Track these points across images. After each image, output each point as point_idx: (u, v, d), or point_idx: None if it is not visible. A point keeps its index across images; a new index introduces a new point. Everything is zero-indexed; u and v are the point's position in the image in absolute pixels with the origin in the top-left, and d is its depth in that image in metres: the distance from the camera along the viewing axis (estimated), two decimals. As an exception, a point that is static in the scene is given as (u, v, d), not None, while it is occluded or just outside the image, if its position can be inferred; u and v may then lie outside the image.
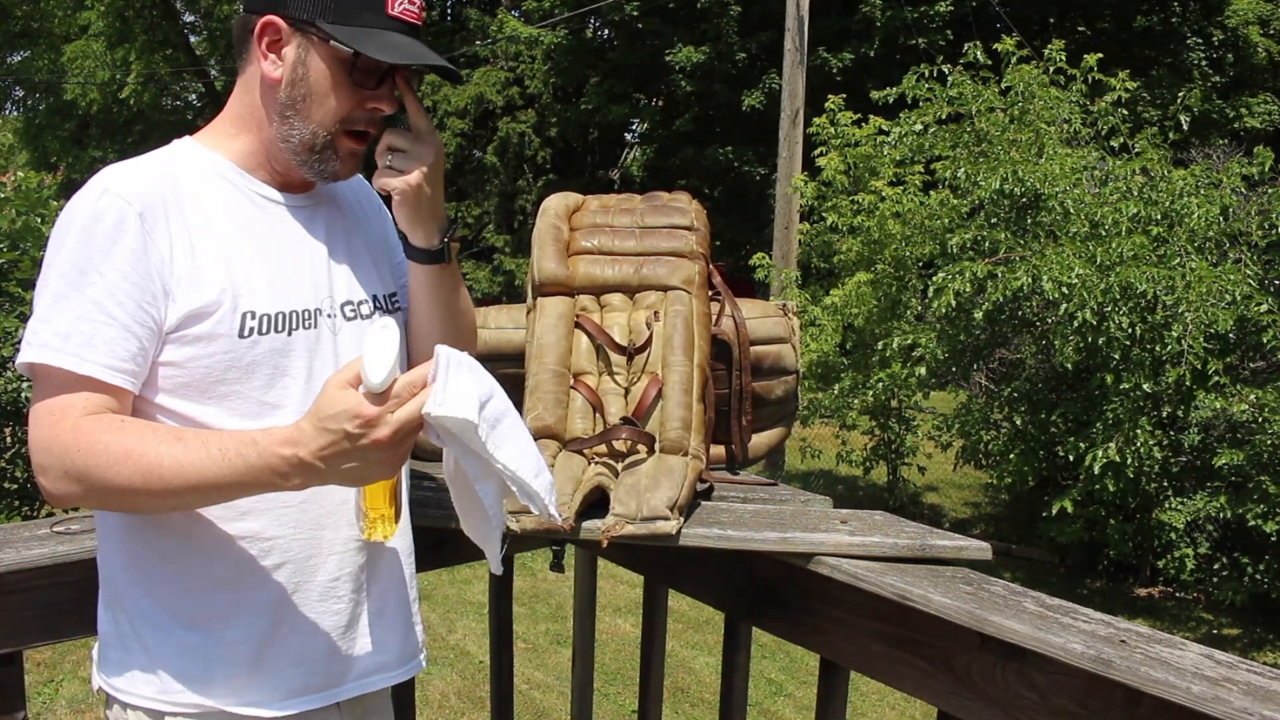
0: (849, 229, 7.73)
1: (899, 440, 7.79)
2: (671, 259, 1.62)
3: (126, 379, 1.10)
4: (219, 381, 1.14)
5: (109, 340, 1.08)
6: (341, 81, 1.17)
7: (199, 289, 1.13)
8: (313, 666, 1.22)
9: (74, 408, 1.08)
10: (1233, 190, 5.99)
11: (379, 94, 1.19)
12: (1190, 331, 5.27)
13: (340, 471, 1.03)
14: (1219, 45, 14.44)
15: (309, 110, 1.18)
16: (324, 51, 1.16)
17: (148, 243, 1.11)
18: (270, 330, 1.17)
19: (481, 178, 17.54)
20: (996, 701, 1.18)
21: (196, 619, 1.17)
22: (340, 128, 1.19)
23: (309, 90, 1.17)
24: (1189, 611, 6.26)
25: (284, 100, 1.18)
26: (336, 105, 1.18)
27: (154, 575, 1.17)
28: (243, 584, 1.17)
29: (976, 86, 6.66)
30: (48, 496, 1.10)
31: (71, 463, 1.06)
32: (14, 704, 1.36)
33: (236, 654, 1.18)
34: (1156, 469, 5.66)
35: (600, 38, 17.89)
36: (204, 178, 1.19)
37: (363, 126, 1.20)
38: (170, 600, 1.17)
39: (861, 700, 4.57)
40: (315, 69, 1.16)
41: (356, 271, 1.30)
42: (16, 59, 22.23)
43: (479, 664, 4.60)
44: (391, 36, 1.17)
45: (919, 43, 13.56)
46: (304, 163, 1.21)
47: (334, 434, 1.00)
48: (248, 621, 1.18)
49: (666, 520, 1.30)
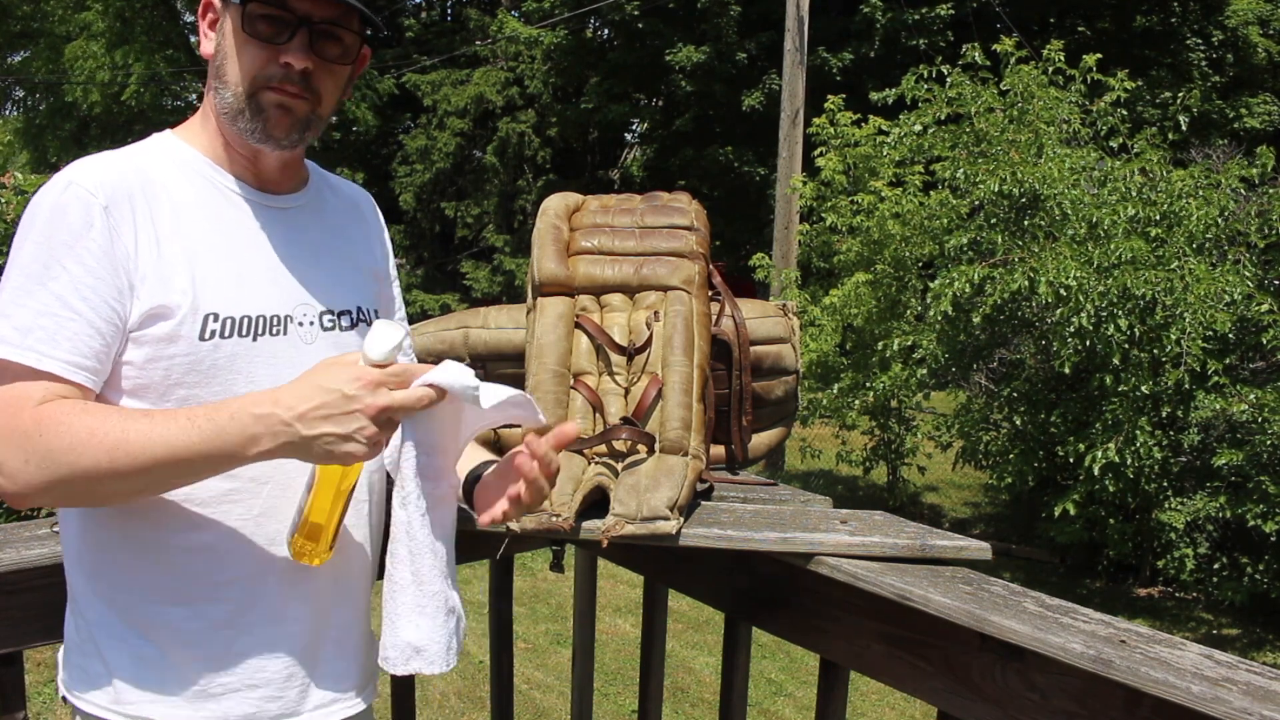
0: (848, 229, 7.74)
1: (899, 440, 7.79)
2: (671, 259, 1.62)
3: (88, 376, 1.06)
4: (178, 384, 1.10)
5: (71, 336, 1.05)
6: (245, 38, 1.14)
7: (162, 286, 1.09)
8: (267, 691, 1.17)
9: (31, 397, 1.03)
10: (1231, 191, 5.99)
11: (288, 47, 1.14)
12: (1189, 334, 5.27)
13: (312, 440, 0.99)
14: (1219, 45, 14.45)
15: (226, 73, 1.15)
16: (233, 14, 1.15)
17: (113, 236, 1.07)
18: (234, 334, 1.13)
19: (481, 178, 17.55)
20: (996, 701, 1.18)
21: (151, 630, 1.13)
22: (256, 85, 1.15)
23: (224, 54, 1.15)
24: (1189, 611, 6.26)
25: (213, 71, 1.17)
26: (247, 61, 1.14)
27: (111, 583, 1.14)
28: (193, 597, 1.14)
29: (975, 87, 6.66)
30: (5, 496, 1.04)
31: (33, 449, 1.00)
32: (14, 704, 1.36)
33: (189, 671, 1.14)
34: (1156, 469, 5.66)
35: (600, 38, 17.89)
36: (177, 171, 1.16)
37: (278, 82, 1.15)
38: (126, 609, 1.14)
39: (861, 700, 4.57)
40: (227, 31, 1.15)
41: (340, 280, 1.26)
42: (16, 59, 22.23)
43: (479, 664, 4.60)
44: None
45: (919, 43, 13.57)
46: (242, 130, 1.16)
47: (328, 393, 0.99)
48: (200, 637, 1.14)
49: (666, 520, 1.30)
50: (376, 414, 1.00)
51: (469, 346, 1.67)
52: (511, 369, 1.64)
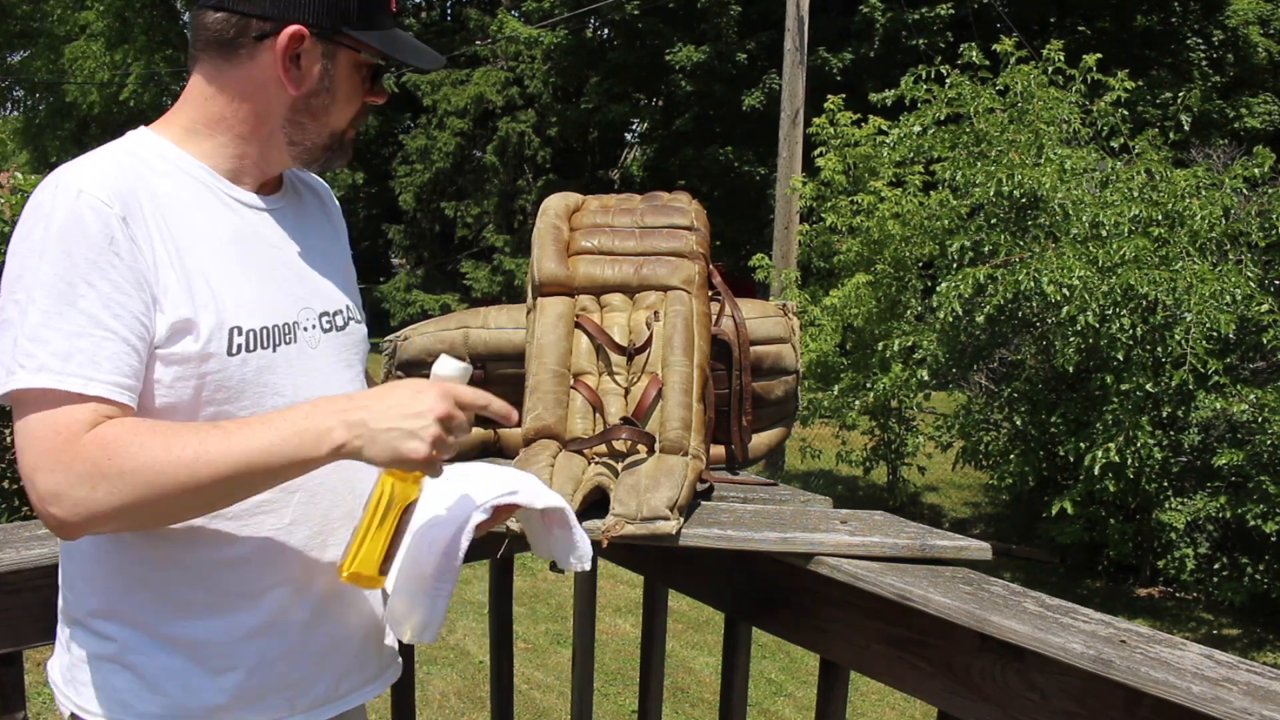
0: (848, 229, 7.74)
1: (899, 440, 7.79)
2: (671, 259, 1.62)
3: (130, 396, 1.02)
4: (208, 402, 1.07)
5: (111, 356, 1.00)
6: (360, 86, 1.16)
7: (186, 300, 1.06)
8: (298, 690, 1.18)
9: (82, 421, 0.98)
10: (1234, 191, 5.99)
11: (378, 89, 1.19)
12: (1192, 334, 5.27)
13: (380, 434, 1.00)
14: (1219, 45, 14.46)
15: (327, 115, 1.15)
16: (348, 57, 1.13)
17: (135, 250, 1.03)
18: (257, 347, 1.10)
19: (481, 177, 17.54)
20: (996, 701, 1.18)
21: (182, 644, 1.11)
22: (349, 124, 1.18)
23: (333, 99, 1.14)
24: (1189, 611, 6.26)
25: (300, 107, 1.13)
26: (352, 108, 1.17)
27: (137, 602, 1.11)
28: (225, 609, 1.13)
29: (974, 87, 6.65)
30: (62, 528, 0.98)
31: (101, 474, 0.96)
32: (14, 704, 1.36)
33: (222, 681, 1.12)
34: (1156, 469, 5.66)
35: (600, 38, 17.89)
36: (175, 177, 1.11)
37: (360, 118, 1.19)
38: (154, 626, 1.11)
39: (861, 700, 4.56)
40: (340, 76, 1.14)
41: (330, 277, 1.25)
42: (16, 59, 22.23)
43: (479, 664, 4.60)
44: (399, 35, 1.16)
45: (919, 44, 13.57)
46: (312, 160, 1.18)
47: (399, 391, 1.02)
48: (233, 648, 1.13)
49: (666, 520, 1.30)
50: (443, 414, 1.01)
51: (469, 346, 1.67)
52: (511, 369, 1.64)
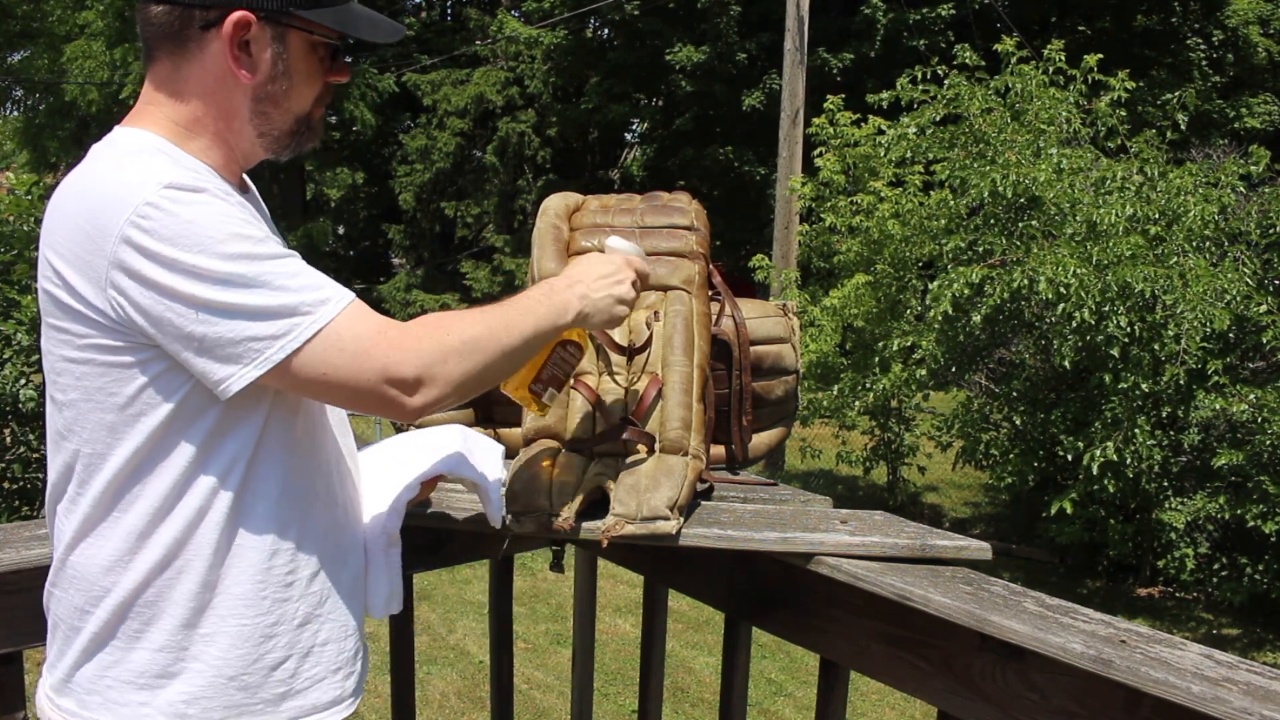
0: (848, 229, 7.74)
1: (899, 440, 7.79)
2: (671, 259, 1.62)
3: None
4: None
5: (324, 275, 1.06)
6: (319, 67, 1.13)
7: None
8: (345, 670, 1.19)
9: (381, 317, 1.05)
10: (1231, 190, 5.99)
11: (339, 68, 1.15)
12: (1188, 331, 5.27)
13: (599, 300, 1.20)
14: (1219, 45, 14.47)
15: (288, 101, 1.11)
16: (300, 39, 1.10)
17: (240, 202, 1.08)
18: None
19: (481, 177, 17.55)
20: (996, 701, 1.18)
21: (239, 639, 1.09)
22: (313, 105, 1.15)
23: (291, 83, 1.11)
24: (1189, 611, 6.26)
25: (260, 95, 1.10)
26: (312, 89, 1.14)
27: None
28: (286, 596, 1.11)
29: (972, 87, 6.65)
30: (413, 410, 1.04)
31: (450, 345, 1.05)
32: (14, 704, 1.36)
33: (277, 675, 1.11)
34: (1156, 469, 5.66)
35: (600, 38, 17.89)
36: (204, 175, 1.08)
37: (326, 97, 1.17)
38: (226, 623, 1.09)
39: (861, 700, 4.57)
40: (295, 59, 1.10)
41: None
42: (16, 59, 22.23)
43: (479, 664, 4.60)
44: (354, 10, 1.13)
45: (919, 44, 13.57)
46: (281, 148, 1.15)
47: (604, 265, 1.23)
48: (289, 638, 1.12)
49: (666, 520, 1.30)
50: (634, 280, 1.25)
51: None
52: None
